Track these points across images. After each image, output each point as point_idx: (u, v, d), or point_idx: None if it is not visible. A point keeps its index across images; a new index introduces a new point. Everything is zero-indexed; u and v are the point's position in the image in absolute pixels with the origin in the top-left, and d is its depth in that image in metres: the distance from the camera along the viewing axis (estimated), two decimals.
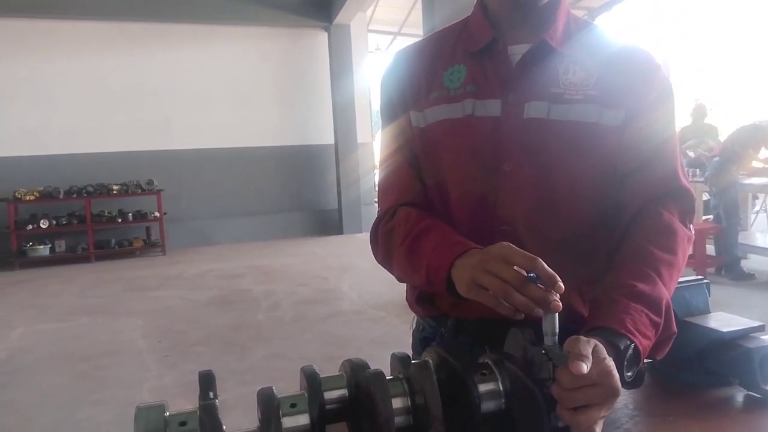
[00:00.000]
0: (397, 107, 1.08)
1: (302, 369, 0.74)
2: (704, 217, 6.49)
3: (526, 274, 0.74)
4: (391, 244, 1.01)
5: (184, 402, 0.70)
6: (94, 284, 6.78)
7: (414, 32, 12.99)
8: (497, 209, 0.97)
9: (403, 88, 1.06)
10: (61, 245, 8.37)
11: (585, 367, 0.65)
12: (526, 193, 0.96)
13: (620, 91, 0.94)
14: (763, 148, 6.01)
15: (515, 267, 0.75)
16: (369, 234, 1.10)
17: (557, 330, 0.71)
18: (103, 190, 8.40)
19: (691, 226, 0.95)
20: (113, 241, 8.57)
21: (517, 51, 0.98)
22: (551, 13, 0.98)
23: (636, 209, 0.94)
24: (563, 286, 0.71)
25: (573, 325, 0.96)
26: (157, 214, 8.67)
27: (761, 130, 5.75)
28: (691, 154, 6.81)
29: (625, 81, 0.95)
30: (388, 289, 5.45)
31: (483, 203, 0.98)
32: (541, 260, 0.74)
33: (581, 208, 0.96)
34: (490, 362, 0.75)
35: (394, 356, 0.79)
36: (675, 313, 0.93)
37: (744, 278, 5.51)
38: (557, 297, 0.71)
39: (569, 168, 0.94)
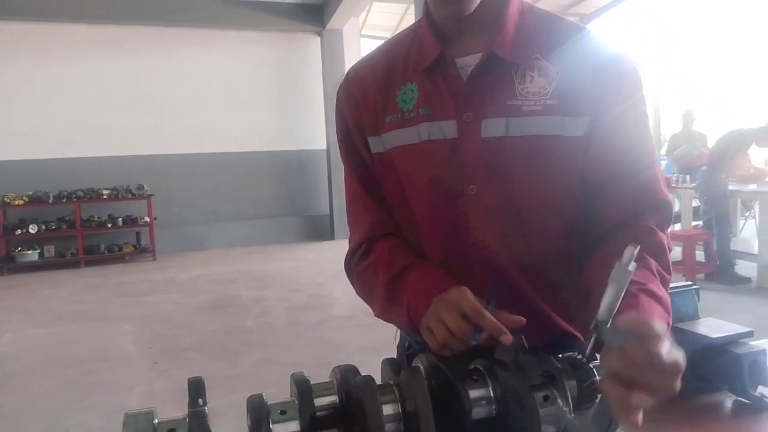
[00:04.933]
0: (354, 134, 1.02)
1: (292, 375, 0.74)
2: (693, 223, 6.53)
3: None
4: (368, 284, 1.00)
5: (174, 409, 0.69)
6: (84, 290, 6.73)
7: None
8: (469, 235, 0.93)
9: (358, 113, 1.01)
10: (50, 250, 8.30)
11: (662, 348, 0.59)
12: (496, 215, 0.91)
13: (582, 96, 0.86)
14: (750, 152, 6.06)
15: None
16: (344, 266, 1.09)
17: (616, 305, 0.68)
18: (93, 195, 8.35)
19: (667, 233, 0.91)
20: (103, 246, 8.52)
21: (467, 63, 0.91)
22: (497, 16, 0.90)
23: (616, 222, 0.88)
24: (510, 337, 0.73)
25: (560, 343, 0.96)
26: (147, 219, 8.63)
27: (745, 135, 5.80)
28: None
29: (588, 84, 0.87)
30: None
31: (453, 230, 0.94)
32: (488, 314, 0.74)
33: (554, 223, 0.92)
34: (481, 368, 0.75)
35: (385, 362, 0.79)
36: None
37: (738, 282, 5.54)
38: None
39: (535, 184, 0.89)
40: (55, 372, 3.90)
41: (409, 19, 10.82)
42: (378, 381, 0.73)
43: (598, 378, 0.79)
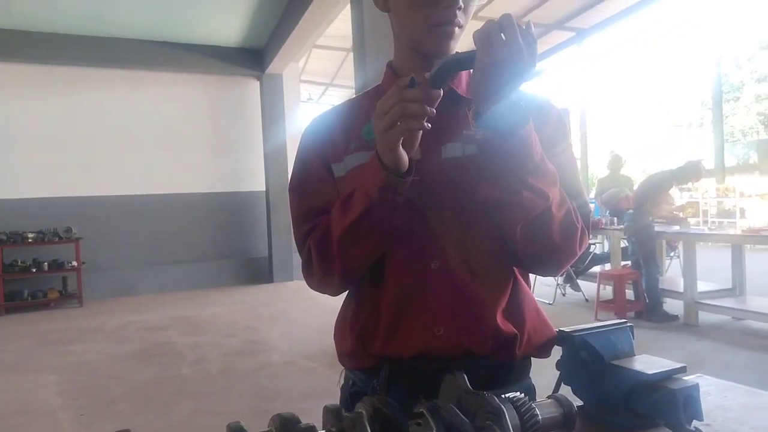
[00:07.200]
0: (316, 165, 1.10)
1: (228, 425, 0.71)
2: (622, 263, 6.78)
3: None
4: (327, 236, 1.01)
5: None
6: (4, 339, 6.33)
7: (345, 83, 13.25)
8: (426, 248, 1.02)
9: (323, 146, 1.10)
10: None
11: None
12: (452, 228, 1.01)
13: None
14: (672, 193, 6.40)
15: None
16: (302, 270, 1.11)
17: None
18: (17, 239, 7.94)
19: (587, 233, 1.02)
20: (26, 292, 8.06)
21: None
22: None
23: None
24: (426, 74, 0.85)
25: (504, 350, 1.04)
26: (74, 263, 8.25)
27: (664, 178, 6.12)
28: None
29: None
30: (320, 338, 5.35)
31: (410, 242, 1.02)
32: (401, 80, 0.85)
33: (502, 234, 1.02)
34: (424, 411, 0.74)
35: (326, 409, 0.77)
36: (602, 356, 0.96)
37: (667, 319, 5.76)
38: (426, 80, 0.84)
39: (487, 197, 0.98)
40: None
41: (348, 66, 11.01)
42: (319, 429, 0.71)
43: (540, 417, 0.80)
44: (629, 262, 6.50)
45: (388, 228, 0.97)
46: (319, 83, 14.12)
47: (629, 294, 6.22)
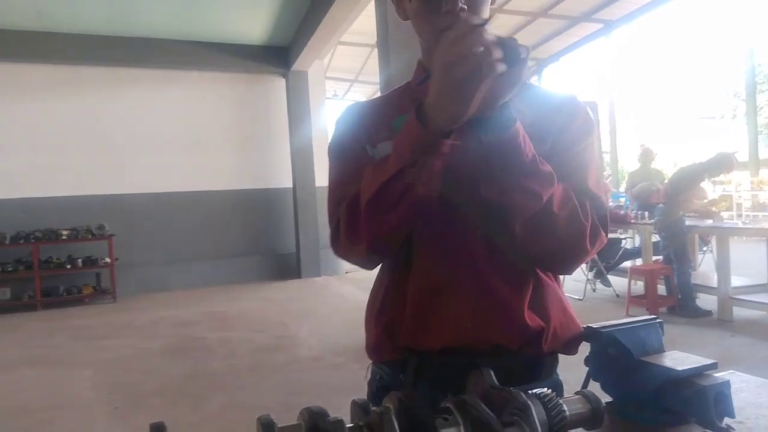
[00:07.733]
0: (353, 143, 1.11)
1: (259, 419, 0.72)
2: (654, 258, 6.67)
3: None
4: (359, 195, 0.99)
5: None
6: (40, 333, 6.50)
7: (370, 80, 13.26)
8: (458, 241, 1.03)
9: (356, 131, 1.12)
10: (5, 293, 8.03)
11: None
12: (478, 223, 1.02)
13: (547, 127, 1.02)
14: (704, 186, 6.26)
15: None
16: (330, 235, 1.10)
17: None
18: (51, 236, 8.15)
19: (603, 231, 1.01)
20: (61, 288, 8.27)
21: None
22: None
23: None
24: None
25: (531, 345, 1.04)
26: (108, 259, 8.43)
27: (694, 170, 5.99)
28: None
29: (551, 119, 1.04)
30: (348, 333, 5.38)
31: (438, 237, 1.03)
32: (474, 18, 0.81)
33: None
34: (451, 406, 0.74)
35: (354, 403, 0.77)
36: (630, 353, 0.95)
37: (700, 315, 5.65)
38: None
39: (486, 198, 0.98)
40: (6, 422, 3.72)
41: (373, 62, 11.01)
42: (347, 423, 0.72)
43: (567, 413, 0.79)
44: (661, 257, 6.39)
45: (421, 195, 0.92)
46: (344, 80, 14.16)
47: (661, 289, 6.12)
